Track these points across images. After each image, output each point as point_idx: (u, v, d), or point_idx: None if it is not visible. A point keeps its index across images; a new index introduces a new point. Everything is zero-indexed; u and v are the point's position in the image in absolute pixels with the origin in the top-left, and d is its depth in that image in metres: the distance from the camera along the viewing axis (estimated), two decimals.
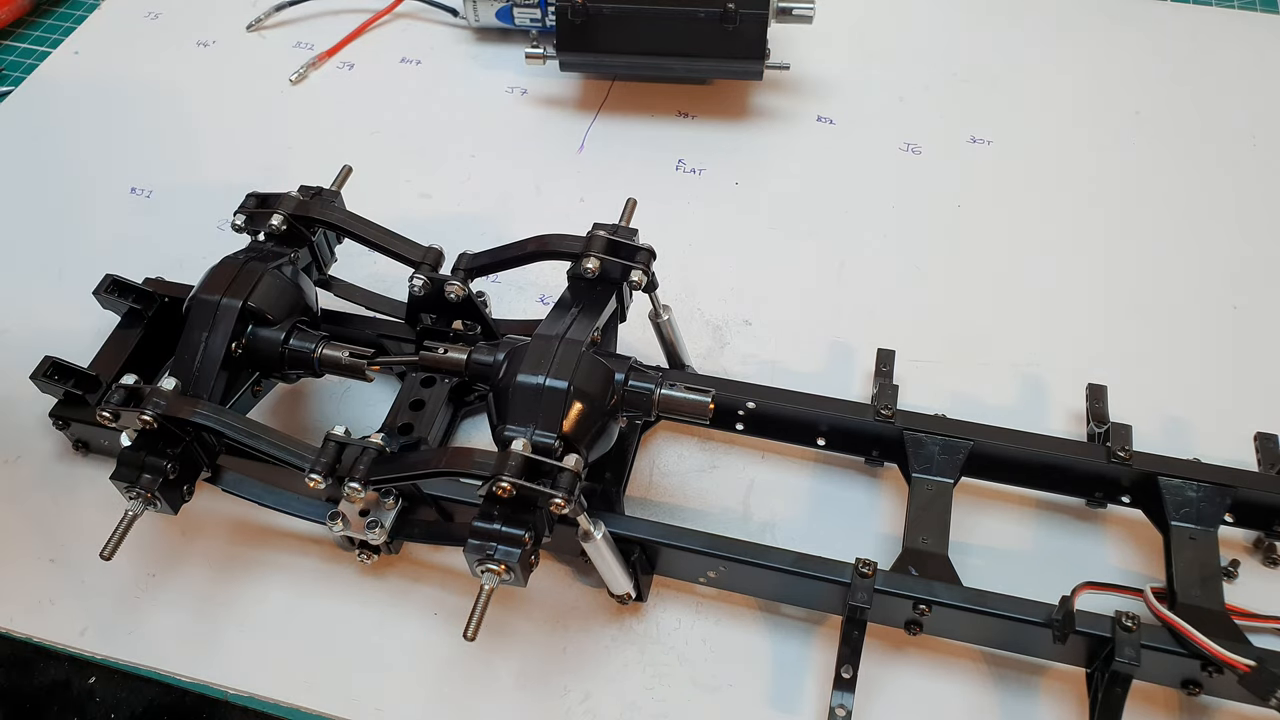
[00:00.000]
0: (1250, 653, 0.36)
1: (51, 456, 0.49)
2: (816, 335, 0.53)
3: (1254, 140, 0.63)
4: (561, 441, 0.38)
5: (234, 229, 0.48)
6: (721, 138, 0.64)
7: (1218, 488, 0.42)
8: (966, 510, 0.46)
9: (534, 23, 0.68)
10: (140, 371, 0.46)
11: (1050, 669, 0.42)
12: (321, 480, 0.41)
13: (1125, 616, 0.37)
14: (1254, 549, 0.45)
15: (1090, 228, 0.58)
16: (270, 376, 0.47)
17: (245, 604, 0.44)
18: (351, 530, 0.42)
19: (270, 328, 0.45)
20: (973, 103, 0.66)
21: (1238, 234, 0.58)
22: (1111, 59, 0.68)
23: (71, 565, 0.46)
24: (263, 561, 0.46)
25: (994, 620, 0.39)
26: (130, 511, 0.43)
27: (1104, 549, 0.45)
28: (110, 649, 0.43)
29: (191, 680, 0.43)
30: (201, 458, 0.44)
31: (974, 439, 0.44)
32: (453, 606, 0.44)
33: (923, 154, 0.63)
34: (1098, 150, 0.63)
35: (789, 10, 0.61)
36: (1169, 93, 0.66)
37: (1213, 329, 0.54)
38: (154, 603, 0.45)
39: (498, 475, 0.37)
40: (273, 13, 0.73)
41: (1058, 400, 0.50)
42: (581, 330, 0.41)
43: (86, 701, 0.42)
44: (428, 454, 0.41)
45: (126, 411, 0.42)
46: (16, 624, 0.44)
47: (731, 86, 0.67)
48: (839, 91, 0.67)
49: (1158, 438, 0.48)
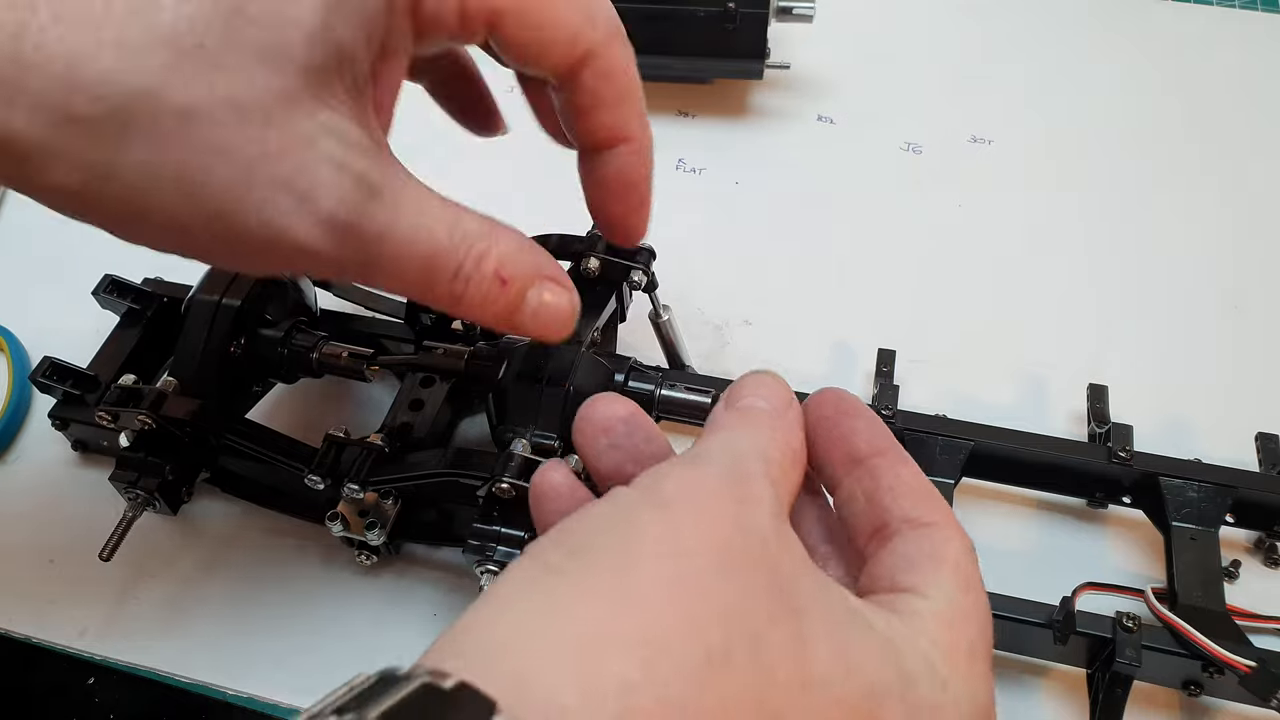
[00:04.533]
0: (1251, 653, 0.36)
1: (50, 457, 0.49)
2: (817, 335, 0.53)
3: (1254, 140, 0.63)
4: (561, 442, 0.38)
5: None
6: (721, 137, 0.64)
7: (1219, 488, 0.42)
8: (966, 510, 0.46)
9: None
10: (139, 372, 0.47)
11: (1050, 669, 0.42)
12: (321, 480, 0.41)
13: (1126, 617, 0.37)
14: (1255, 549, 0.45)
15: (1090, 228, 0.58)
16: (270, 377, 0.47)
17: (245, 604, 0.44)
18: (351, 530, 0.42)
19: (270, 328, 0.45)
20: (973, 103, 0.66)
21: (1238, 234, 0.58)
22: (1111, 59, 0.68)
23: (71, 566, 0.46)
24: (262, 562, 0.46)
25: (994, 620, 0.39)
26: (129, 512, 0.43)
27: (1104, 549, 0.45)
28: (110, 649, 0.43)
29: (191, 680, 0.43)
30: (201, 458, 0.45)
31: (974, 439, 0.44)
32: (453, 606, 0.44)
33: (923, 154, 0.63)
34: (1098, 150, 0.63)
35: (789, 10, 0.61)
36: (1169, 92, 0.66)
37: (1213, 329, 0.54)
38: (153, 603, 0.45)
39: (498, 476, 0.37)
40: None
41: (1058, 400, 0.50)
42: (581, 330, 0.41)
43: (86, 702, 0.42)
44: (427, 455, 0.41)
45: (125, 412, 0.42)
46: (16, 624, 0.44)
47: (731, 86, 0.67)
48: (839, 91, 0.67)
49: (1158, 438, 0.48)
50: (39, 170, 0.26)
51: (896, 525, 0.28)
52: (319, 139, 0.26)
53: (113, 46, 0.25)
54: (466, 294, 0.30)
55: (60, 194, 0.26)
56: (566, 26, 0.30)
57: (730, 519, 0.24)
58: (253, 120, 0.26)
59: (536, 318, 0.31)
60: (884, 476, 0.29)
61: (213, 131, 0.25)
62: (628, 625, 0.21)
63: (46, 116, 0.25)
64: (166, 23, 0.25)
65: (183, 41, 0.25)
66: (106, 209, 0.27)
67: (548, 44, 0.30)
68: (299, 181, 0.26)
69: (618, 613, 0.21)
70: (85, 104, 0.25)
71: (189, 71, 0.25)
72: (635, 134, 0.33)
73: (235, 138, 0.25)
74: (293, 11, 0.26)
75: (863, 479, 0.29)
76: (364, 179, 0.27)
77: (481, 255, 0.30)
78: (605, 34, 0.32)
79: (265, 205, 0.26)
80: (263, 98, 0.26)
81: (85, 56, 0.24)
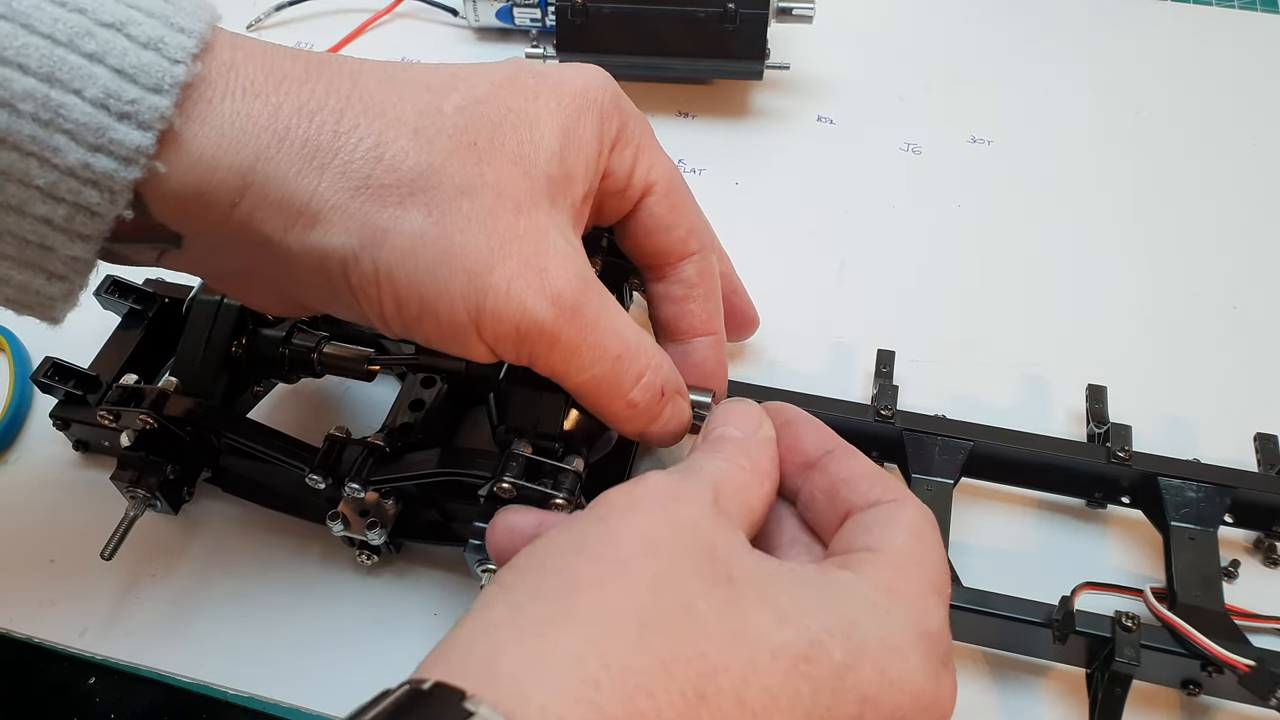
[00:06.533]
0: (1250, 653, 0.36)
1: (51, 457, 0.49)
2: (816, 335, 0.53)
3: (1254, 140, 0.63)
4: (562, 442, 0.38)
5: None
6: (721, 138, 0.64)
7: (1218, 488, 0.42)
8: (966, 510, 0.46)
9: (534, 23, 0.68)
10: (141, 372, 0.47)
11: (1050, 669, 0.42)
12: (321, 480, 0.41)
13: (1125, 616, 0.37)
14: (1254, 549, 0.45)
15: (1090, 228, 0.59)
16: (270, 377, 0.47)
17: (245, 604, 0.44)
18: (351, 530, 0.42)
19: (271, 328, 0.45)
20: (973, 103, 0.66)
21: (1238, 234, 0.58)
22: (1111, 59, 0.68)
23: (72, 566, 0.46)
24: (263, 561, 0.46)
25: (994, 620, 0.39)
26: (131, 512, 0.43)
27: (1104, 549, 0.45)
28: (110, 649, 0.43)
29: (191, 680, 0.43)
30: (202, 458, 0.45)
31: (974, 439, 0.44)
32: (453, 606, 0.44)
33: (923, 154, 0.63)
34: (1098, 150, 0.63)
35: (789, 10, 0.61)
36: (1169, 92, 0.66)
37: (1213, 329, 0.54)
38: (154, 603, 0.45)
39: (499, 476, 0.37)
40: (272, 12, 0.73)
41: (1058, 400, 0.50)
42: None
43: (87, 702, 0.42)
44: (428, 455, 0.41)
45: (127, 412, 0.42)
46: (16, 624, 0.44)
47: (731, 86, 0.67)
48: (839, 91, 0.67)
49: (1158, 438, 0.48)
50: (327, 229, 0.31)
51: (857, 511, 0.31)
52: (551, 231, 0.32)
53: (410, 133, 0.31)
54: (642, 400, 0.35)
55: (325, 261, 0.31)
56: (689, 219, 0.38)
57: (664, 515, 0.28)
58: (507, 206, 0.31)
59: (666, 427, 0.37)
60: (838, 471, 0.33)
61: (479, 208, 0.31)
62: (573, 613, 0.25)
63: (348, 182, 0.30)
64: (448, 123, 0.31)
65: (462, 138, 0.31)
66: (362, 273, 0.31)
67: (674, 225, 0.38)
68: (538, 261, 0.31)
69: (564, 605, 0.25)
70: (384, 174, 0.30)
71: (466, 160, 0.31)
72: (719, 329, 0.40)
73: (495, 216, 0.31)
74: (538, 135, 0.33)
75: (817, 479, 0.33)
76: (583, 272, 0.33)
77: (658, 368, 0.35)
78: (710, 239, 0.40)
79: (515, 279, 0.31)
80: (516, 191, 0.32)
81: (389, 138, 0.31)
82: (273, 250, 0.31)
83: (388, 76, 0.32)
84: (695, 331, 0.39)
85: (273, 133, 0.30)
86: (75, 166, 0.28)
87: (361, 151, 0.30)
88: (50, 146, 0.28)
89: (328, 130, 0.30)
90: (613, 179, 0.36)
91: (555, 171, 0.32)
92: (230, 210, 0.30)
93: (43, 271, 0.31)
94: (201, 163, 0.29)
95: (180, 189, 0.29)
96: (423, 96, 0.32)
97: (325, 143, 0.30)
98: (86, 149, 0.28)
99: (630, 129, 0.36)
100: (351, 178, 0.30)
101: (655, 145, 0.38)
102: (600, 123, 0.34)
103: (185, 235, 0.32)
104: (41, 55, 0.27)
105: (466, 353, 0.33)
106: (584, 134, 0.34)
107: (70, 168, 0.28)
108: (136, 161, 0.28)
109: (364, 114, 0.30)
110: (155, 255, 0.33)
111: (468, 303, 0.31)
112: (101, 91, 0.28)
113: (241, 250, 0.32)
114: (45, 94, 0.27)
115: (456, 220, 0.30)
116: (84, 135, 0.28)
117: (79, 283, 0.32)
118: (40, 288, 0.31)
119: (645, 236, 0.38)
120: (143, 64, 0.28)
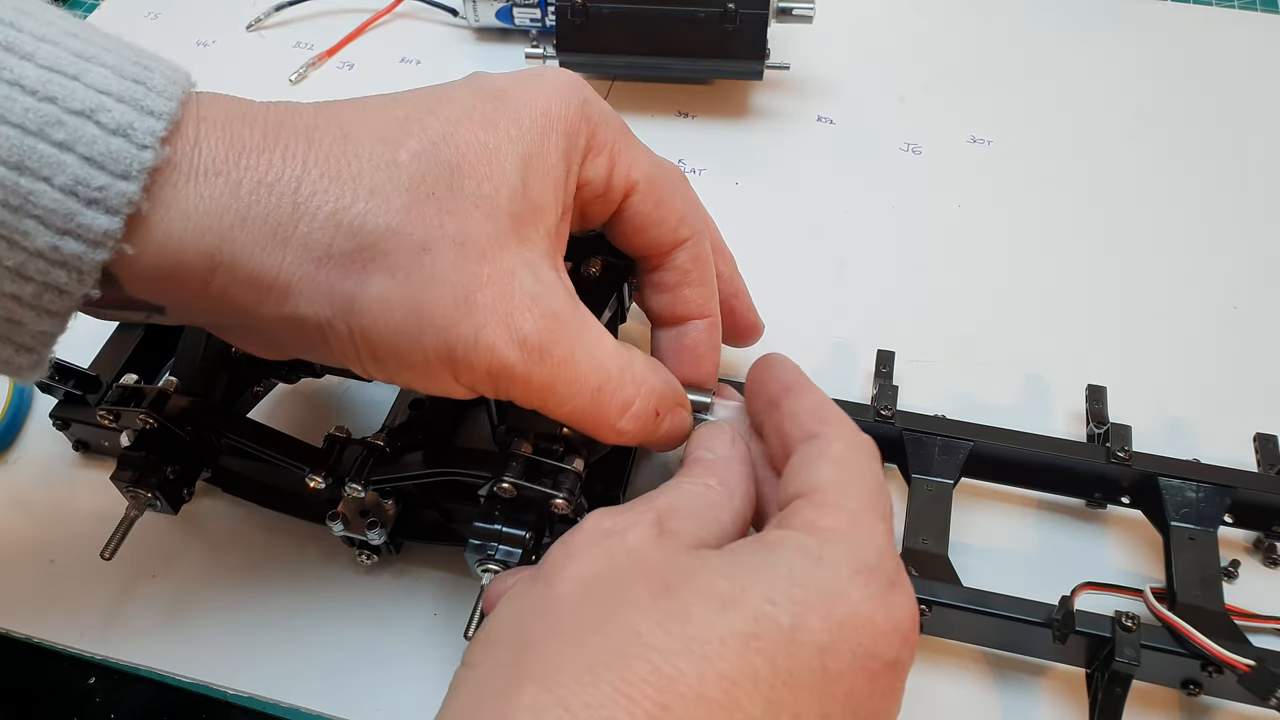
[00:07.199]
0: (1250, 653, 0.36)
1: (51, 457, 0.49)
2: (816, 335, 0.54)
3: (1254, 140, 0.63)
4: (562, 442, 0.38)
5: None
6: (721, 138, 0.64)
7: (1217, 488, 0.42)
8: (966, 510, 0.46)
9: (534, 23, 0.68)
10: (141, 372, 0.47)
11: (1050, 669, 0.42)
12: (321, 480, 0.41)
13: (1125, 616, 0.37)
14: (1254, 549, 0.45)
15: (1090, 227, 0.59)
16: (270, 376, 0.47)
17: (245, 604, 0.44)
18: (351, 530, 0.42)
19: None
20: (973, 103, 0.66)
21: (1238, 234, 0.58)
22: (1111, 58, 0.68)
23: (72, 566, 0.46)
24: (262, 561, 0.46)
25: (994, 620, 0.39)
26: (130, 512, 0.43)
27: (1104, 549, 0.45)
28: (111, 649, 0.43)
29: (192, 680, 0.43)
30: (202, 458, 0.45)
31: (974, 439, 0.44)
32: (453, 606, 0.44)
33: (923, 154, 0.63)
34: (1098, 150, 0.63)
35: (789, 10, 0.61)
36: (1169, 92, 0.66)
37: (1213, 329, 0.54)
38: (154, 603, 0.45)
39: (499, 476, 0.37)
40: (272, 12, 0.73)
41: (1058, 400, 0.50)
42: None
43: (86, 702, 0.42)
44: (428, 455, 0.41)
45: (127, 412, 0.42)
46: (16, 624, 0.44)
47: (731, 86, 0.67)
48: (839, 91, 0.67)
49: (1158, 438, 0.48)
50: (298, 300, 0.31)
51: (795, 445, 0.32)
52: (518, 271, 0.32)
53: (366, 194, 0.31)
54: (632, 428, 0.35)
55: (302, 326, 0.32)
56: (677, 209, 0.38)
57: (598, 554, 0.29)
58: (470, 255, 0.31)
59: (665, 438, 0.37)
60: (787, 407, 0.34)
61: (441, 262, 0.31)
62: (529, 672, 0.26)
63: (310, 254, 0.30)
64: (404, 176, 0.31)
65: (419, 189, 0.31)
66: (337, 335, 0.32)
67: (661, 220, 0.37)
68: (503, 306, 0.31)
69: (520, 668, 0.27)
70: (343, 241, 0.30)
71: (424, 213, 0.31)
72: (713, 312, 0.40)
73: (457, 268, 0.31)
74: (499, 171, 0.32)
75: (774, 416, 0.34)
76: (553, 310, 0.33)
77: (649, 393, 0.35)
78: (702, 224, 0.39)
79: (482, 328, 0.31)
80: (479, 237, 0.31)
81: (345, 203, 0.30)
82: (251, 317, 0.32)
83: (343, 133, 0.32)
84: (689, 315, 0.39)
85: (235, 213, 0.30)
86: (44, 249, 0.28)
87: (320, 220, 0.30)
88: (19, 230, 0.28)
89: (286, 202, 0.30)
90: (590, 187, 0.35)
91: (520, 207, 0.32)
92: (204, 287, 0.31)
93: (11, 344, 0.31)
94: (170, 245, 0.30)
95: (152, 270, 0.30)
96: (377, 150, 0.31)
97: (285, 216, 0.30)
98: (55, 233, 0.28)
99: (601, 135, 0.35)
100: (313, 249, 0.30)
101: (632, 144, 0.37)
102: (566, 141, 0.34)
103: (166, 306, 0.32)
104: (12, 145, 0.27)
105: (449, 394, 0.34)
106: (549, 158, 0.33)
107: (39, 250, 0.28)
108: (105, 244, 0.29)
109: (320, 179, 0.30)
110: (143, 317, 0.34)
111: (440, 355, 0.32)
112: (71, 179, 0.28)
113: (223, 314, 0.33)
114: (15, 181, 0.27)
115: (419, 279, 0.31)
116: (53, 220, 0.28)
117: (46, 354, 0.32)
118: (9, 359, 0.31)
119: (634, 234, 0.38)
120: (111, 151, 0.28)
